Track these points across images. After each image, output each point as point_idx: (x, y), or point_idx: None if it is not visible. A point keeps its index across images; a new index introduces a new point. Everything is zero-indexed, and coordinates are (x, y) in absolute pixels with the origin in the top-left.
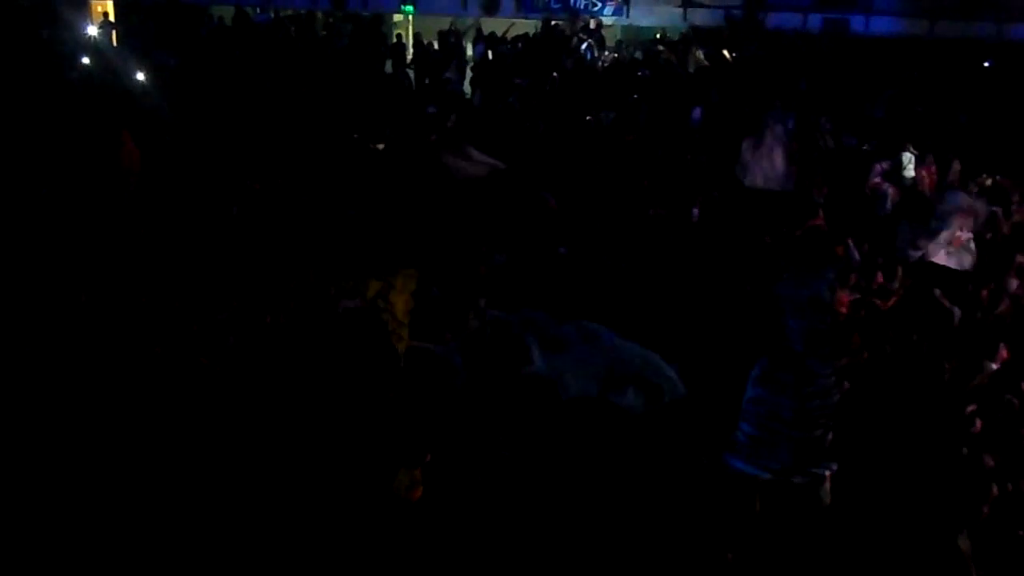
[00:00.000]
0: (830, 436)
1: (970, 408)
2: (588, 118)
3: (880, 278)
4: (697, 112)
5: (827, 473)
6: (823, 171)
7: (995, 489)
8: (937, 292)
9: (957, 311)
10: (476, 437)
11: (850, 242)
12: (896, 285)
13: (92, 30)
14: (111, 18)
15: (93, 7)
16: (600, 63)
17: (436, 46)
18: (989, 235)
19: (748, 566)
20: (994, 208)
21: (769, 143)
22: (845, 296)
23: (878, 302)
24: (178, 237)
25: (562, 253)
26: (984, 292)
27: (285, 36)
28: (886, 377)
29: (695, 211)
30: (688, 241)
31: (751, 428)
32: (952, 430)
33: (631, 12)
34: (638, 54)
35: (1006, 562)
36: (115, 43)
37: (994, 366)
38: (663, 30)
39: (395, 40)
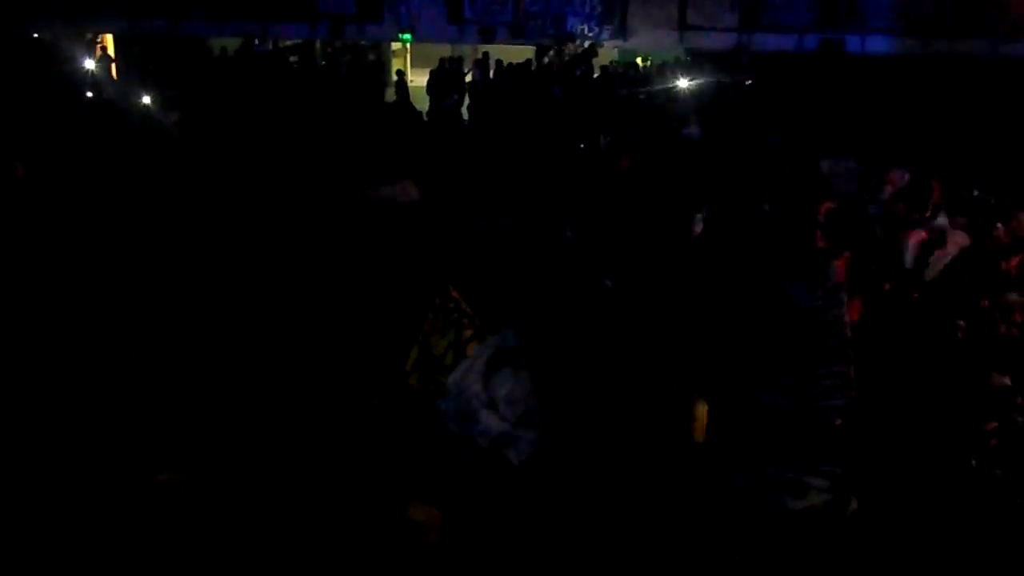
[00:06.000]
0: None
1: (991, 426)
2: (582, 145)
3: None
4: (694, 130)
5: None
6: (824, 189)
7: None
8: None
9: (962, 323)
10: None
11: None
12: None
13: (89, 64)
14: (110, 52)
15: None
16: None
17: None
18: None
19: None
20: (996, 223)
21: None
22: (857, 303)
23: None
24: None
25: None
26: (986, 304)
27: (286, 66)
28: (893, 388)
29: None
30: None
31: (757, 433)
32: (965, 445)
33: (628, 36)
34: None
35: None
36: (115, 77)
37: (1007, 380)
38: (647, 55)
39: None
